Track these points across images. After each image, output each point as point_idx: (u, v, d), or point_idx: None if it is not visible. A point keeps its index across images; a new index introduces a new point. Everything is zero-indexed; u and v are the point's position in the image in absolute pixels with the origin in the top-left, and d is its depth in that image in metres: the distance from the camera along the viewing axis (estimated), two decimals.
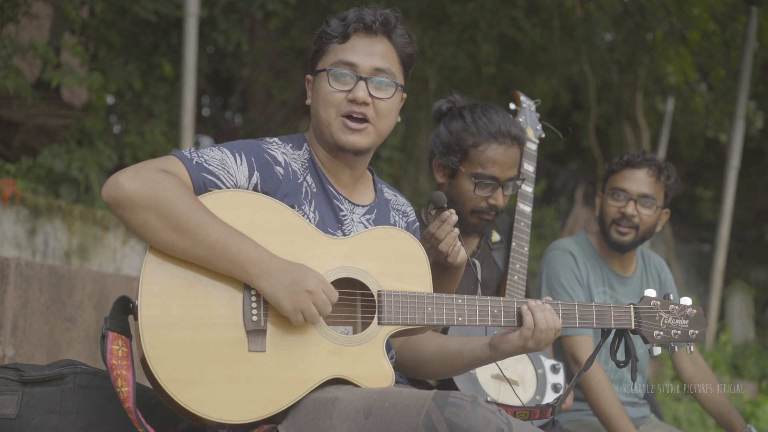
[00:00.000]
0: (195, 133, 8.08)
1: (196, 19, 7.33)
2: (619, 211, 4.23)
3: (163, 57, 8.88)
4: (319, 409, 2.57)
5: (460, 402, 2.40)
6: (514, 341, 2.84)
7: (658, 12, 11.63)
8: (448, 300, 2.81)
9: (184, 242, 2.54)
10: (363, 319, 2.80)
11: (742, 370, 11.83)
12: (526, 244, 3.94)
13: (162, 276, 2.55)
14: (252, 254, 2.57)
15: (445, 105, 3.82)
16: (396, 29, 2.91)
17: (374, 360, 2.73)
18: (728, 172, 10.60)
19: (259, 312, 2.60)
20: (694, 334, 3.07)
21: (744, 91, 10.42)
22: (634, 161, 4.26)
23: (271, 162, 2.78)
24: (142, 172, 2.55)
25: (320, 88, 2.88)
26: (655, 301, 3.04)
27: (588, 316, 2.94)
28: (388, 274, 2.80)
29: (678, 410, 8.90)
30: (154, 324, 2.50)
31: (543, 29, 11.91)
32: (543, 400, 3.72)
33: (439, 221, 3.06)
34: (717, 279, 10.68)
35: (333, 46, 2.88)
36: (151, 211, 2.52)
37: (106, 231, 6.61)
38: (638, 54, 12.52)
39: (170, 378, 2.48)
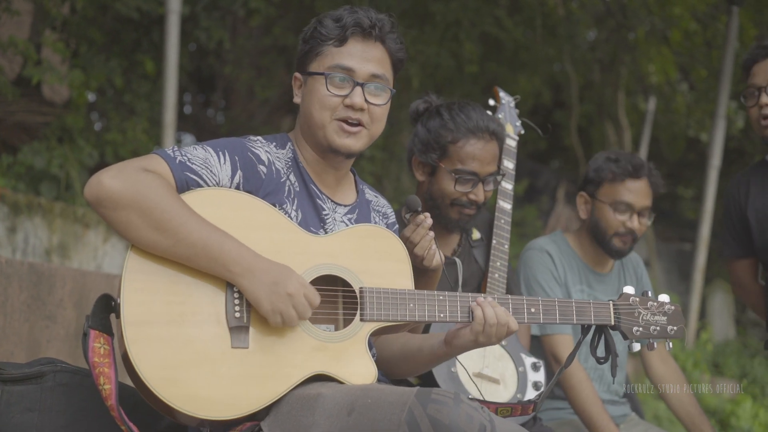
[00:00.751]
0: (177, 130, 8.06)
1: (178, 17, 7.31)
2: (624, 226, 4.23)
3: (144, 54, 8.85)
4: (302, 406, 2.57)
5: (443, 399, 2.40)
6: (466, 336, 2.86)
7: (639, 11, 11.67)
8: (429, 296, 2.82)
9: (165, 241, 2.54)
10: (345, 316, 2.81)
11: (722, 368, 11.89)
12: (507, 241, 3.95)
13: (144, 273, 2.55)
14: (234, 253, 2.57)
15: (422, 105, 3.83)
16: (390, 34, 2.93)
17: (357, 356, 2.74)
18: (709, 172, 10.65)
19: (242, 309, 2.60)
20: (672, 330, 3.10)
21: (725, 90, 10.46)
22: (635, 172, 4.23)
23: (255, 160, 2.78)
24: (125, 170, 2.55)
25: (316, 91, 2.88)
26: (633, 297, 3.06)
27: (568, 312, 2.96)
28: (370, 271, 2.81)
29: (659, 409, 8.93)
30: (136, 321, 2.50)
31: (525, 28, 11.93)
32: (524, 397, 3.73)
33: (413, 225, 3.08)
34: (698, 278, 10.72)
35: (328, 48, 2.88)
36: (133, 210, 2.51)
37: (86, 229, 6.58)
38: (620, 53, 12.56)
39: (153, 375, 2.48)
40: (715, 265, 15.00)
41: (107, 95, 8.96)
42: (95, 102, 9.17)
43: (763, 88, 4.01)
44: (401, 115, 11.07)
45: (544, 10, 11.67)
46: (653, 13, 11.34)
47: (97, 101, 9.14)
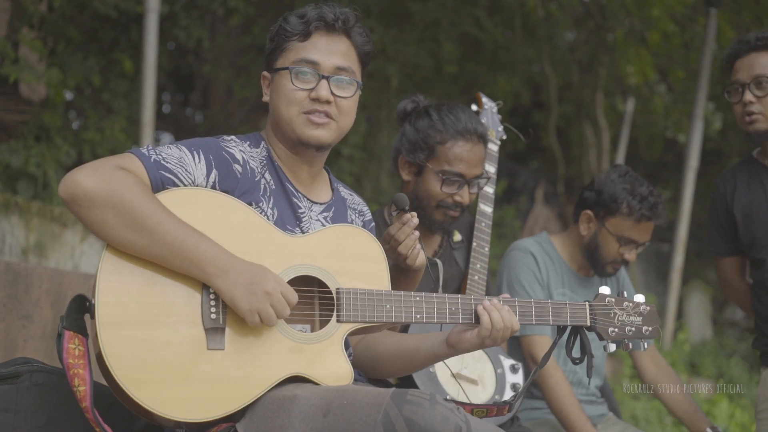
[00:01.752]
0: (155, 129, 8.02)
1: (156, 15, 7.27)
2: (622, 257, 4.27)
3: (123, 53, 8.80)
4: (278, 408, 2.57)
5: (419, 400, 2.41)
6: (472, 339, 2.86)
7: (618, 13, 11.71)
8: (406, 297, 2.82)
9: (141, 240, 2.53)
10: (321, 317, 2.81)
11: (699, 368, 11.94)
12: (487, 244, 3.96)
13: (119, 274, 2.54)
14: (209, 253, 2.56)
15: (410, 105, 3.84)
16: (355, 28, 2.94)
17: (333, 358, 2.73)
18: (687, 173, 10.69)
19: (218, 310, 2.60)
20: (647, 330, 3.10)
21: (703, 92, 10.50)
22: (651, 216, 4.22)
23: (230, 160, 2.78)
24: (100, 169, 2.54)
25: (282, 86, 2.88)
26: (609, 298, 3.07)
27: (544, 313, 2.97)
28: (346, 272, 2.80)
29: (636, 408, 8.96)
30: (111, 322, 2.48)
31: (505, 29, 11.95)
32: (502, 399, 3.73)
33: (399, 223, 3.07)
34: (675, 278, 10.76)
35: (293, 44, 2.88)
36: (108, 209, 2.50)
37: (64, 228, 6.55)
38: (599, 54, 12.60)
39: (128, 377, 2.47)
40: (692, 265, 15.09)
41: (85, 94, 8.91)
42: (73, 100, 9.11)
43: (746, 84, 4.00)
44: (381, 115, 11.09)
45: (524, 10, 11.69)
46: (632, 14, 11.38)
47: (74, 100, 9.08)
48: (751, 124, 4.07)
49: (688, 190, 10.69)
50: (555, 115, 13.25)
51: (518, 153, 15.43)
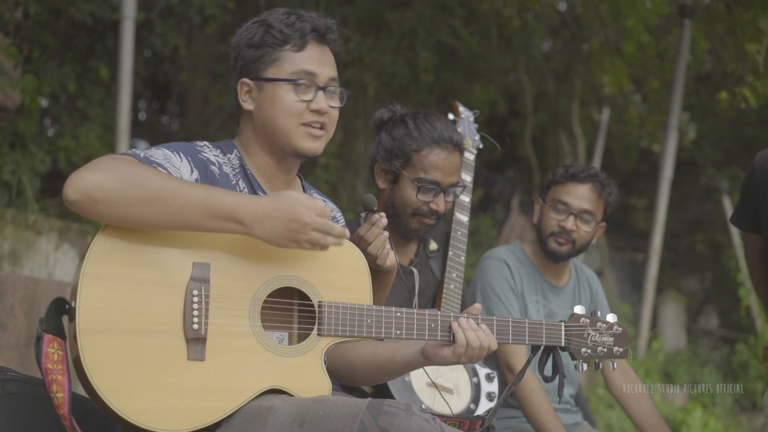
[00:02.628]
0: (131, 137, 7.99)
1: (132, 22, 7.25)
2: (559, 225, 4.27)
3: (99, 60, 8.76)
4: (254, 418, 2.56)
5: (395, 410, 2.41)
6: (448, 357, 2.86)
7: (593, 23, 11.75)
8: (387, 313, 2.82)
9: (168, 209, 2.51)
10: (300, 329, 2.80)
11: (673, 377, 12.00)
12: (463, 253, 3.97)
13: (102, 279, 2.51)
14: (237, 205, 2.57)
15: (386, 114, 3.85)
16: (336, 37, 2.96)
17: (312, 372, 2.73)
18: (661, 183, 10.75)
19: (200, 320, 2.58)
20: (618, 351, 3.14)
21: (677, 102, 10.57)
22: (578, 175, 4.29)
23: (206, 162, 2.80)
24: (100, 163, 2.52)
25: (279, 98, 2.86)
26: (584, 318, 3.09)
27: (521, 332, 2.98)
28: (328, 284, 2.80)
29: (611, 417, 8.99)
30: (92, 329, 2.46)
31: (481, 38, 11.97)
32: (477, 408, 3.74)
33: (368, 224, 3.08)
34: (650, 288, 10.82)
35: (287, 53, 2.86)
36: (127, 190, 2.48)
37: (38, 236, 6.51)
38: (574, 64, 12.65)
39: (106, 385, 2.45)
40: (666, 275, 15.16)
41: (60, 101, 8.87)
42: (48, 108, 9.06)
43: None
44: (357, 124, 11.09)
45: (500, 20, 11.72)
46: (607, 24, 11.42)
47: (50, 107, 9.04)
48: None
49: (663, 200, 10.75)
50: (531, 125, 13.29)
51: (494, 162, 15.47)
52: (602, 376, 4.55)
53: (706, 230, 17.03)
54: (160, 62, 10.76)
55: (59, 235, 6.62)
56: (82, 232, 6.88)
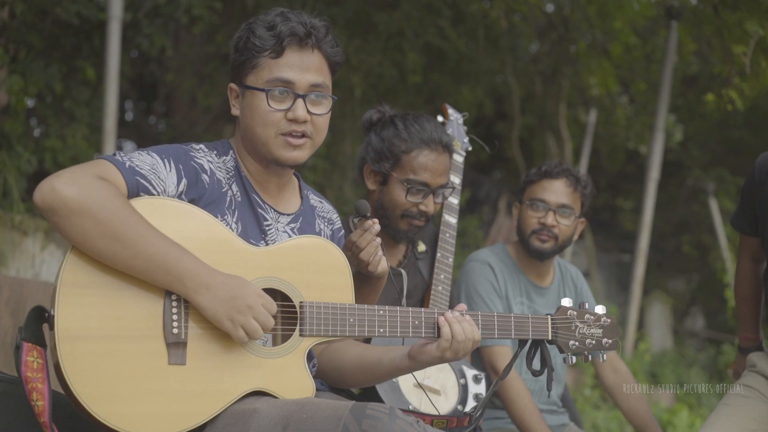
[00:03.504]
0: (117, 137, 7.97)
1: (119, 23, 7.24)
2: (539, 222, 4.28)
3: (85, 60, 8.74)
4: (237, 421, 2.56)
5: (378, 414, 2.41)
6: (433, 352, 2.85)
7: (581, 25, 11.78)
8: (369, 311, 2.81)
9: (124, 252, 2.49)
10: (283, 330, 2.79)
11: (659, 378, 12.02)
12: (451, 255, 3.97)
13: (80, 287, 2.50)
14: (191, 268, 2.54)
15: (375, 115, 3.85)
16: (326, 39, 2.89)
17: (295, 372, 2.73)
18: (648, 184, 10.77)
19: (180, 324, 2.57)
20: (607, 343, 3.12)
21: (664, 104, 10.59)
22: (551, 172, 4.30)
23: (198, 170, 2.76)
24: (78, 177, 2.49)
25: (256, 107, 2.83)
26: (571, 311, 3.08)
27: (507, 326, 2.97)
28: (310, 285, 2.79)
29: (597, 418, 9.01)
30: (70, 336, 2.45)
31: (468, 39, 11.98)
32: (465, 409, 3.74)
33: (361, 230, 3.07)
34: (636, 289, 10.83)
35: (264, 60, 2.82)
36: (88, 218, 2.46)
37: (24, 236, 6.49)
38: (561, 66, 12.66)
39: (87, 392, 2.44)
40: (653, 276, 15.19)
41: (46, 101, 8.83)
42: (34, 108, 9.03)
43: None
44: (344, 125, 11.08)
45: (487, 21, 11.73)
46: (594, 26, 11.44)
47: (36, 107, 9.00)
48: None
49: (650, 201, 10.77)
50: (518, 126, 13.30)
51: (481, 163, 15.47)
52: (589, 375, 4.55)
53: (692, 232, 17.07)
54: (146, 63, 10.72)
55: (45, 236, 6.60)
56: None
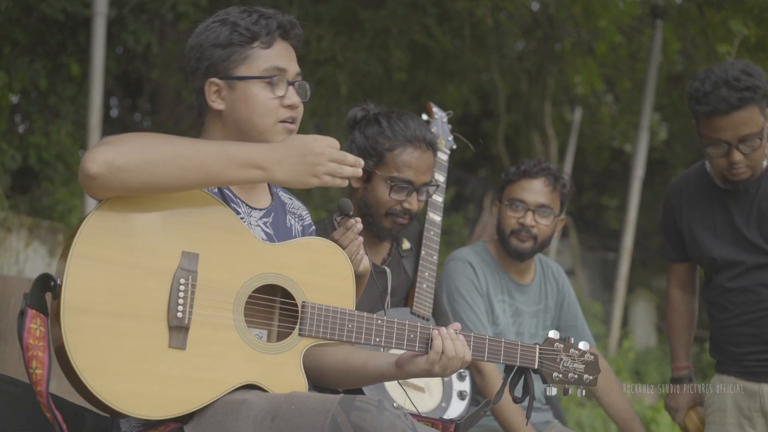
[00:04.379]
0: (102, 134, 7.95)
1: (104, 19, 7.22)
2: (518, 222, 4.28)
3: (70, 56, 8.73)
4: (227, 411, 2.56)
5: (367, 406, 2.41)
6: (421, 364, 2.88)
7: (566, 23, 11.82)
8: (368, 320, 2.84)
9: (192, 165, 2.56)
10: (280, 327, 2.80)
11: (643, 375, 12.07)
12: (436, 252, 3.98)
13: (91, 260, 2.49)
14: (256, 152, 2.64)
15: (360, 112, 3.85)
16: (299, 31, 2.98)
17: (290, 370, 2.74)
18: (632, 182, 10.80)
19: (185, 308, 2.58)
20: (588, 379, 3.18)
21: (648, 102, 10.63)
22: (530, 171, 4.31)
23: None
24: (105, 143, 2.51)
25: (254, 96, 2.85)
26: (558, 343, 3.12)
27: (497, 351, 3.01)
28: (315, 286, 2.81)
29: (581, 415, 9.04)
30: (77, 308, 2.45)
31: (454, 37, 12.00)
32: (449, 407, 3.75)
33: (343, 228, 3.08)
34: (621, 287, 10.87)
35: (256, 51, 2.86)
36: (146, 161, 2.50)
37: (8, 233, 6.48)
38: (547, 64, 12.70)
39: (86, 365, 2.44)
40: (637, 274, 15.23)
41: (31, 97, 8.83)
42: (18, 104, 9.02)
43: (734, 145, 3.88)
44: (330, 122, 11.08)
45: (473, 19, 11.76)
46: (580, 25, 11.49)
47: (20, 103, 8.99)
48: (736, 176, 4.00)
49: (634, 200, 10.80)
50: (503, 124, 13.33)
51: (466, 161, 15.50)
52: None
53: None
54: (132, 59, 10.71)
55: (29, 233, 6.59)
56: (53, 230, 6.85)
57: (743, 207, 4.11)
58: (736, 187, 4.06)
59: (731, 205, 4.13)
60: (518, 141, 14.61)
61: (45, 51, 8.88)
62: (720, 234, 4.15)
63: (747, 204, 4.09)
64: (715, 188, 4.18)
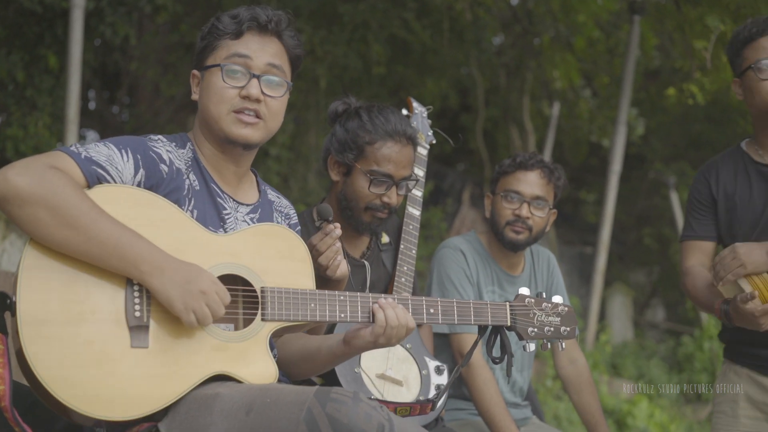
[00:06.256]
0: (80, 127, 7.92)
1: (82, 11, 7.20)
2: (513, 213, 4.29)
3: (48, 49, 8.69)
4: (200, 406, 2.56)
5: (342, 398, 2.43)
6: (366, 337, 2.90)
7: (545, 18, 11.84)
8: (330, 296, 2.85)
9: (77, 238, 2.48)
10: (245, 315, 2.80)
11: (620, 369, 12.13)
12: (414, 246, 3.99)
13: (41, 270, 2.50)
14: (145, 252, 2.54)
15: (341, 106, 3.86)
16: (286, 30, 2.96)
17: (258, 356, 2.74)
18: (610, 177, 10.85)
19: (142, 308, 2.58)
20: (566, 331, 3.18)
21: (626, 97, 10.67)
22: (526, 163, 4.32)
23: (156, 159, 2.77)
24: (31, 167, 2.49)
25: (212, 84, 2.88)
26: (529, 298, 3.13)
27: (466, 312, 3.02)
28: (271, 271, 2.81)
29: (558, 409, 9.08)
30: (33, 320, 2.45)
31: (433, 31, 12.01)
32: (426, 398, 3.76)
33: (322, 233, 3.09)
34: (598, 280, 10.91)
35: (225, 41, 2.89)
36: (41, 207, 2.45)
37: None
38: (525, 59, 12.73)
39: (50, 375, 2.43)
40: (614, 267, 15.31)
41: (8, 89, 8.78)
42: None
43: None
44: (308, 116, 11.08)
45: (452, 14, 11.77)
46: (558, 20, 11.51)
47: None
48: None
49: (612, 194, 10.85)
50: (482, 118, 13.35)
51: (445, 155, 15.52)
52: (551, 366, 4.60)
53: (653, 224, 17.21)
54: (110, 51, 10.66)
55: (6, 226, 6.56)
56: None
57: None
58: None
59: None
60: (497, 135, 14.64)
61: (22, 43, 8.83)
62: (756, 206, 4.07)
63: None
64: (753, 163, 4.13)
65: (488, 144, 14.11)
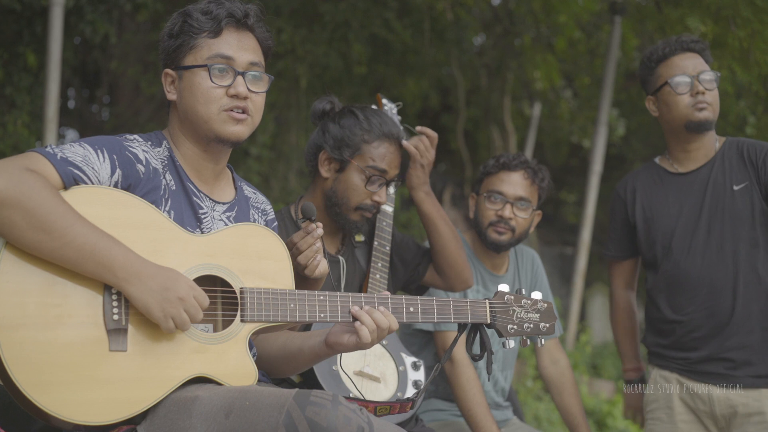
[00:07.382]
0: (59, 125, 7.89)
1: (61, 9, 7.15)
2: (496, 214, 4.30)
3: (26, 47, 8.64)
4: (179, 409, 2.55)
5: (321, 401, 2.42)
6: (352, 341, 2.91)
7: (526, 18, 11.85)
8: (310, 296, 2.84)
9: (52, 243, 2.46)
10: (224, 316, 2.79)
11: (600, 370, 12.15)
12: (388, 243, 4.00)
13: (18, 274, 2.48)
14: (121, 257, 2.52)
15: (327, 105, 3.90)
16: (258, 23, 2.97)
17: (237, 357, 2.73)
18: (591, 177, 10.87)
19: (120, 311, 2.56)
20: (545, 327, 3.19)
21: (607, 98, 10.70)
22: (509, 164, 4.32)
23: (133, 160, 2.75)
24: (7, 169, 2.46)
25: (197, 84, 2.86)
26: (508, 295, 3.14)
27: (446, 311, 3.02)
28: (250, 271, 2.80)
29: (539, 409, 9.09)
30: (10, 324, 2.43)
31: (414, 31, 12.00)
32: (404, 396, 3.77)
33: (303, 232, 3.09)
34: (578, 281, 10.93)
35: (203, 40, 2.87)
36: (16, 210, 2.43)
37: None
38: (506, 59, 12.74)
39: (28, 380, 2.42)
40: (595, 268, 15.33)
41: None
42: None
43: (694, 76, 4.17)
44: (289, 115, 11.06)
45: (433, 14, 11.76)
46: (539, 20, 11.53)
47: None
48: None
49: (592, 195, 10.87)
50: (463, 119, 13.36)
51: None
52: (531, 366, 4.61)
53: None
54: (90, 50, 10.61)
55: None
56: None
57: (696, 189, 4.18)
58: None
59: (684, 188, 4.20)
60: (477, 135, 14.65)
61: (1, 41, 8.78)
62: (672, 214, 4.21)
63: (700, 187, 4.17)
64: (668, 174, 4.26)
65: (469, 144, 14.12)
